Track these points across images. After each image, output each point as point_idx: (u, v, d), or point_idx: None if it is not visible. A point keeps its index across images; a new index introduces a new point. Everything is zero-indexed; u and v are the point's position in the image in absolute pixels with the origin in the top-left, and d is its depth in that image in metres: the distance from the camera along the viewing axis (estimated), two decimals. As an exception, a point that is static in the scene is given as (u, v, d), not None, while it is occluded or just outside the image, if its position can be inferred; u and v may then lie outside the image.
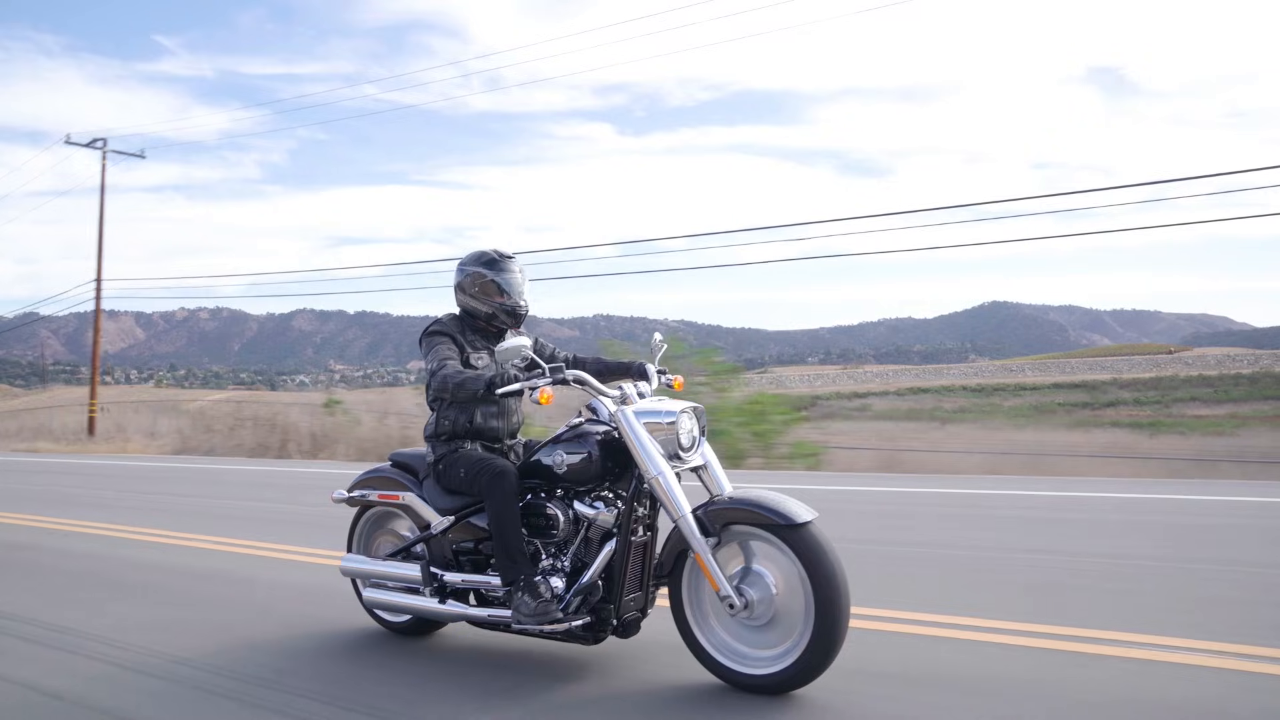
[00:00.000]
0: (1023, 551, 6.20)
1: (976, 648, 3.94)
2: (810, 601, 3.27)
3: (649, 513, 3.76)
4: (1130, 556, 5.88)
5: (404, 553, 4.30)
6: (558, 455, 3.76)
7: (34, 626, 4.79)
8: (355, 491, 4.44)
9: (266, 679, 3.85)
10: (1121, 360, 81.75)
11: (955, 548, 6.43)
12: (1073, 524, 7.45)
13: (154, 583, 5.94)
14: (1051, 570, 5.53)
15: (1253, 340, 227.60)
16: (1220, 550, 6.08)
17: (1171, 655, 3.75)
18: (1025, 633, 4.13)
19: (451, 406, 4.04)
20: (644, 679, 3.68)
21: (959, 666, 3.70)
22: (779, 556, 3.41)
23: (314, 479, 13.54)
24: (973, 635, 4.11)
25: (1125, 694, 3.35)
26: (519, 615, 3.63)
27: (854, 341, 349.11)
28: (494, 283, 4.07)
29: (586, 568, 3.69)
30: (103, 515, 9.35)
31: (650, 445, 3.54)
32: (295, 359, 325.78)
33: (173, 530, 8.20)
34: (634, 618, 3.75)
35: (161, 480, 14.32)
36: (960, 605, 4.64)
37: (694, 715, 3.29)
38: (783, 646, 3.39)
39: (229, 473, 15.47)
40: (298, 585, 5.73)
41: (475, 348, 4.07)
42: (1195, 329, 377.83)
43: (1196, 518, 7.67)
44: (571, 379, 3.63)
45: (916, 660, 3.79)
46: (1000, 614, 4.42)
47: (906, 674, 3.61)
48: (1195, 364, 72.12)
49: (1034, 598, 4.83)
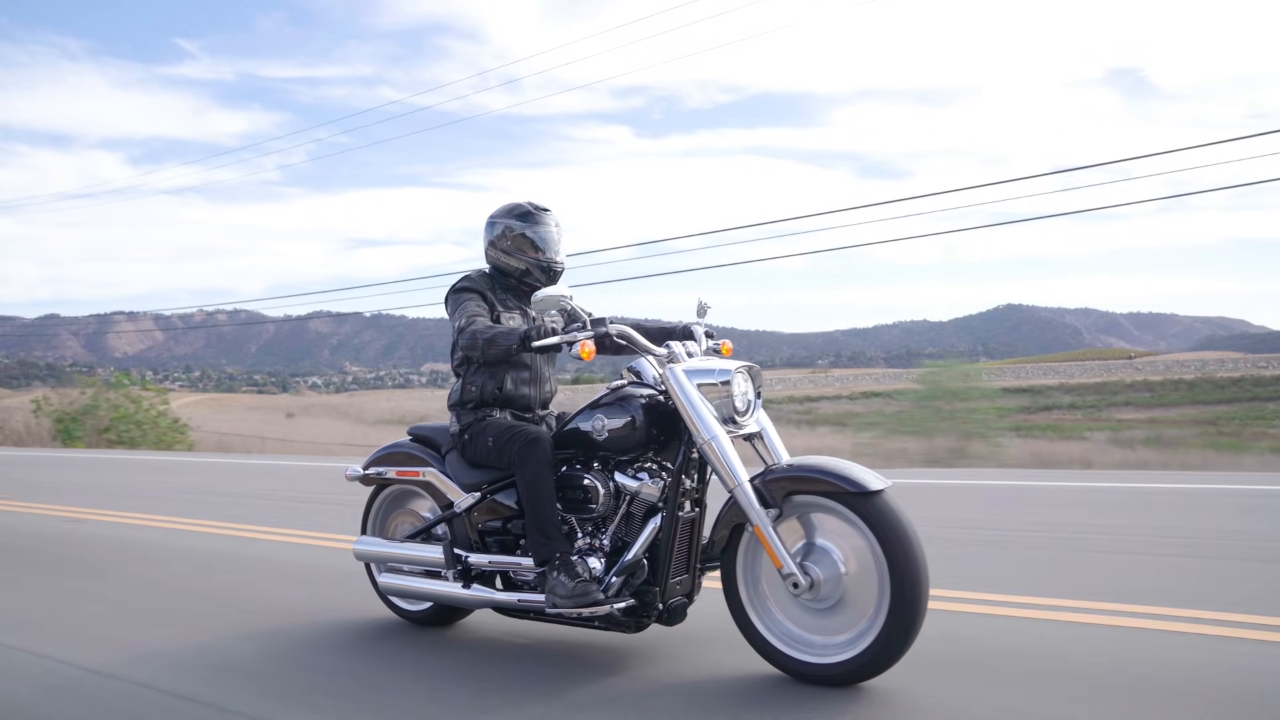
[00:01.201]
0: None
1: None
2: (885, 579, 2.88)
3: (697, 486, 3.38)
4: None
5: (424, 534, 3.93)
6: (597, 420, 3.38)
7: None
8: (371, 469, 4.08)
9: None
10: (1118, 364, 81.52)
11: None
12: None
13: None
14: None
15: (1267, 344, 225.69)
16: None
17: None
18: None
19: (479, 371, 3.68)
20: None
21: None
22: (847, 530, 3.03)
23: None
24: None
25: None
26: (554, 598, 3.25)
27: (867, 344, 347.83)
28: (527, 237, 3.70)
29: (628, 546, 3.31)
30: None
31: (703, 407, 3.16)
32: (311, 361, 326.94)
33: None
34: (680, 603, 3.37)
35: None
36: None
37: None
38: (853, 631, 3.00)
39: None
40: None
41: (506, 306, 3.70)
42: (1212, 331, 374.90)
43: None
44: (615, 333, 3.25)
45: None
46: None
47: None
48: (1174, 369, 71.46)
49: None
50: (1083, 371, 74.04)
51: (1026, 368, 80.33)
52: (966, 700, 2.90)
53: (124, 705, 3.23)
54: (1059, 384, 62.30)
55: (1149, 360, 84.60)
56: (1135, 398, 51.85)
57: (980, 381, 16.17)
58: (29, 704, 3.28)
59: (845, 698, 2.94)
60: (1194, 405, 45.98)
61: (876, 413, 19.18)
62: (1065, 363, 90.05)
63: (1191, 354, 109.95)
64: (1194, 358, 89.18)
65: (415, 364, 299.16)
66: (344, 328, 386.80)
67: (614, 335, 3.26)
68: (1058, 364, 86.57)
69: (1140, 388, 57.20)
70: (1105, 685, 2.99)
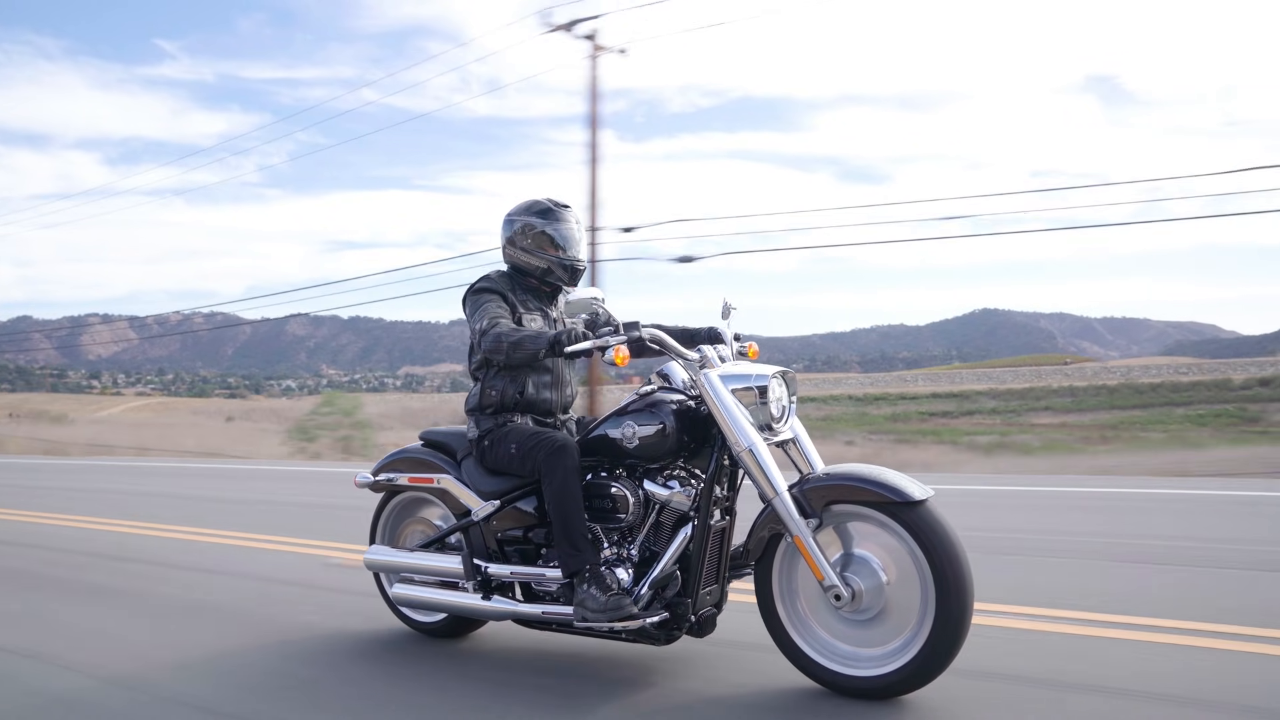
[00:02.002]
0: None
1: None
2: (930, 590, 2.79)
3: (728, 494, 3.28)
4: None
5: (438, 543, 3.81)
6: (627, 427, 3.27)
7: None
8: (381, 475, 3.94)
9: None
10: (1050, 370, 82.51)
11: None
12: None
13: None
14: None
15: (1232, 349, 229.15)
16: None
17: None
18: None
19: (499, 375, 3.55)
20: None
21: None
22: (887, 539, 2.94)
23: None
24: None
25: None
26: (584, 611, 3.14)
27: (844, 348, 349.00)
28: (547, 234, 3.58)
29: (658, 556, 3.21)
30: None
31: (739, 414, 3.06)
32: (288, 364, 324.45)
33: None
34: (710, 614, 3.27)
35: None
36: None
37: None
38: (895, 642, 2.91)
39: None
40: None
41: (527, 308, 3.58)
42: (1183, 336, 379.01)
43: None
44: (648, 338, 3.14)
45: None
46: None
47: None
48: (1118, 374, 72.25)
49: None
50: (1015, 377, 74.96)
51: (962, 373, 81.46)
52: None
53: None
54: (988, 389, 63.15)
55: (1105, 366, 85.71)
56: (1056, 403, 52.42)
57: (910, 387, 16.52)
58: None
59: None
60: (1109, 410, 46.54)
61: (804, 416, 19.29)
62: (1001, 368, 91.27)
63: (1143, 360, 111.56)
64: (1142, 363, 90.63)
65: (392, 367, 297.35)
66: (321, 330, 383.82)
67: (647, 339, 3.15)
68: (993, 369, 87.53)
69: (1065, 393, 57.87)
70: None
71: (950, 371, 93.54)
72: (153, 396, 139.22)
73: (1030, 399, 55.63)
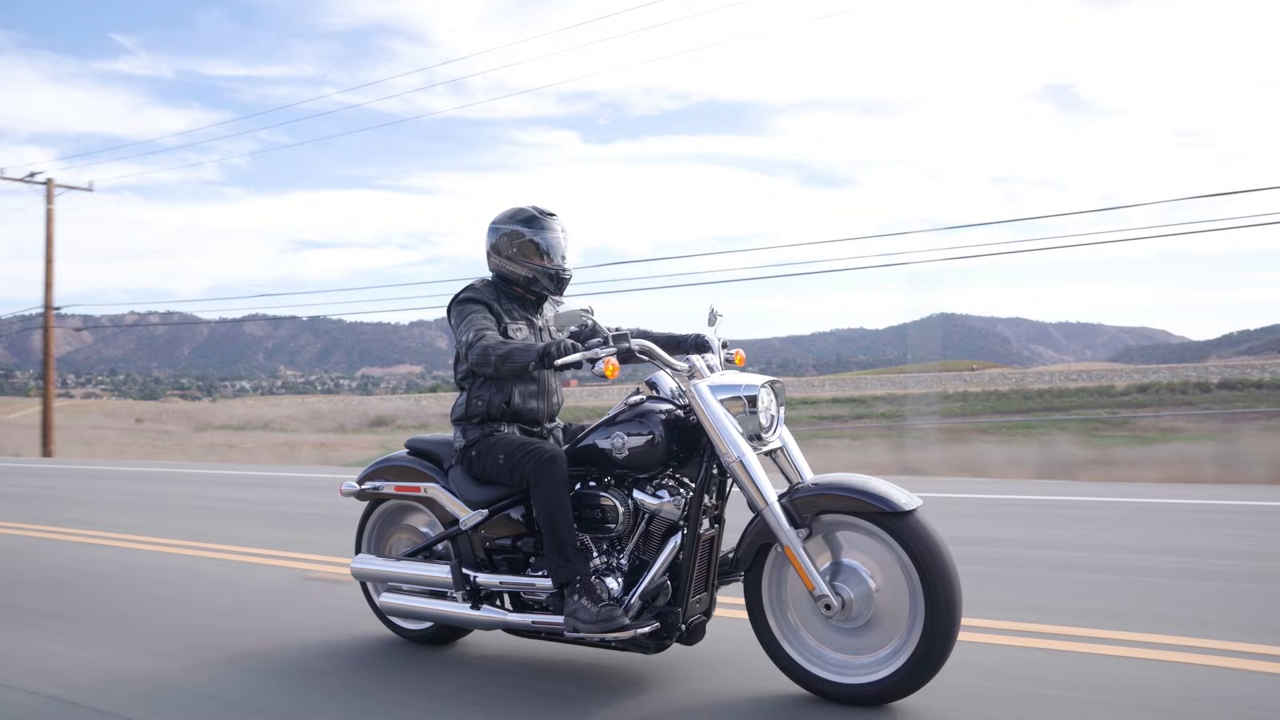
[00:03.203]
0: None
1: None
2: (920, 598, 2.85)
3: (717, 503, 3.32)
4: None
5: (424, 552, 3.80)
6: (616, 438, 3.29)
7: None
8: (367, 484, 3.93)
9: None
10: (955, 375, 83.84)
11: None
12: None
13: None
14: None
15: (1177, 354, 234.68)
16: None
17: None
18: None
19: (485, 385, 3.56)
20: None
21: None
22: (875, 548, 2.99)
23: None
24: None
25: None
26: (575, 622, 3.15)
27: (802, 351, 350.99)
28: (533, 243, 3.59)
29: (648, 566, 3.23)
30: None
31: (729, 424, 3.10)
32: (246, 364, 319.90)
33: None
34: (699, 621, 3.30)
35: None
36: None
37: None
38: (885, 650, 2.97)
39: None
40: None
41: (513, 317, 3.59)
42: (1137, 342, 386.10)
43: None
44: (637, 349, 3.17)
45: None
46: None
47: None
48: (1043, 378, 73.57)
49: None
50: (916, 383, 75.95)
51: (901, 377, 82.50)
52: None
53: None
54: (887, 394, 64.12)
55: (1028, 371, 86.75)
56: (944, 408, 53.34)
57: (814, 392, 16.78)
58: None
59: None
60: (990, 415, 47.34)
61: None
62: (919, 373, 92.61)
63: (1081, 365, 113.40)
64: (1069, 369, 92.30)
65: (351, 368, 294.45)
66: (280, 331, 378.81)
67: (636, 351, 3.17)
68: (907, 374, 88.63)
69: (957, 398, 58.85)
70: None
71: (900, 374, 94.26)
72: (102, 398, 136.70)
73: (923, 404, 56.47)
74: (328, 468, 16.81)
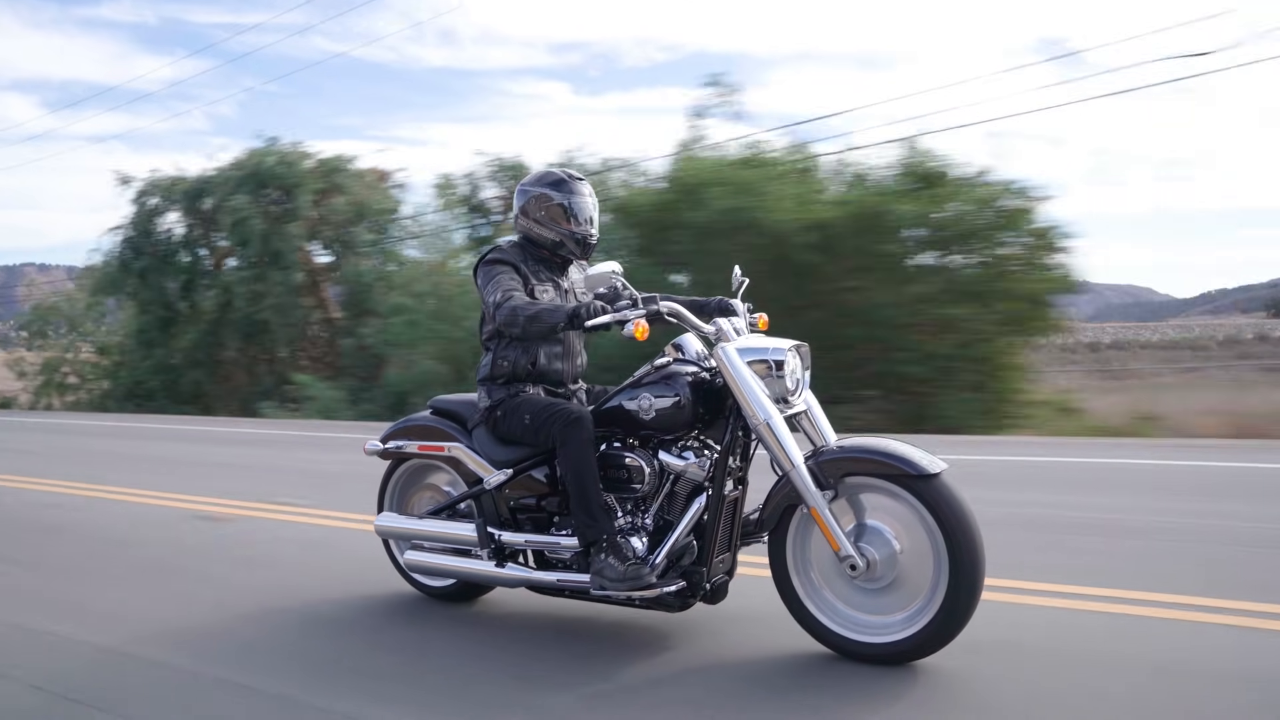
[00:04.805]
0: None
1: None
2: (944, 560, 2.92)
3: (740, 464, 3.37)
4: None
5: (448, 510, 3.85)
6: (643, 399, 3.33)
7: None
8: (390, 443, 3.97)
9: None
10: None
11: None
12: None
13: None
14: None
15: (1155, 312, 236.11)
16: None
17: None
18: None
19: (511, 346, 3.59)
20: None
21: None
22: (898, 510, 3.06)
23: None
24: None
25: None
26: (602, 580, 3.22)
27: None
28: (561, 206, 3.60)
29: (672, 526, 3.30)
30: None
31: (757, 388, 3.14)
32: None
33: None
34: (722, 581, 3.38)
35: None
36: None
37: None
38: (908, 610, 3.05)
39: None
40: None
41: (539, 279, 3.60)
42: (1118, 299, 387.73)
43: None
44: (666, 311, 3.20)
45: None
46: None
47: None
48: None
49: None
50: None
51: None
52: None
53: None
54: None
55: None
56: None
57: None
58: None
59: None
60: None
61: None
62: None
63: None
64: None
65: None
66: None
67: (665, 314, 3.20)
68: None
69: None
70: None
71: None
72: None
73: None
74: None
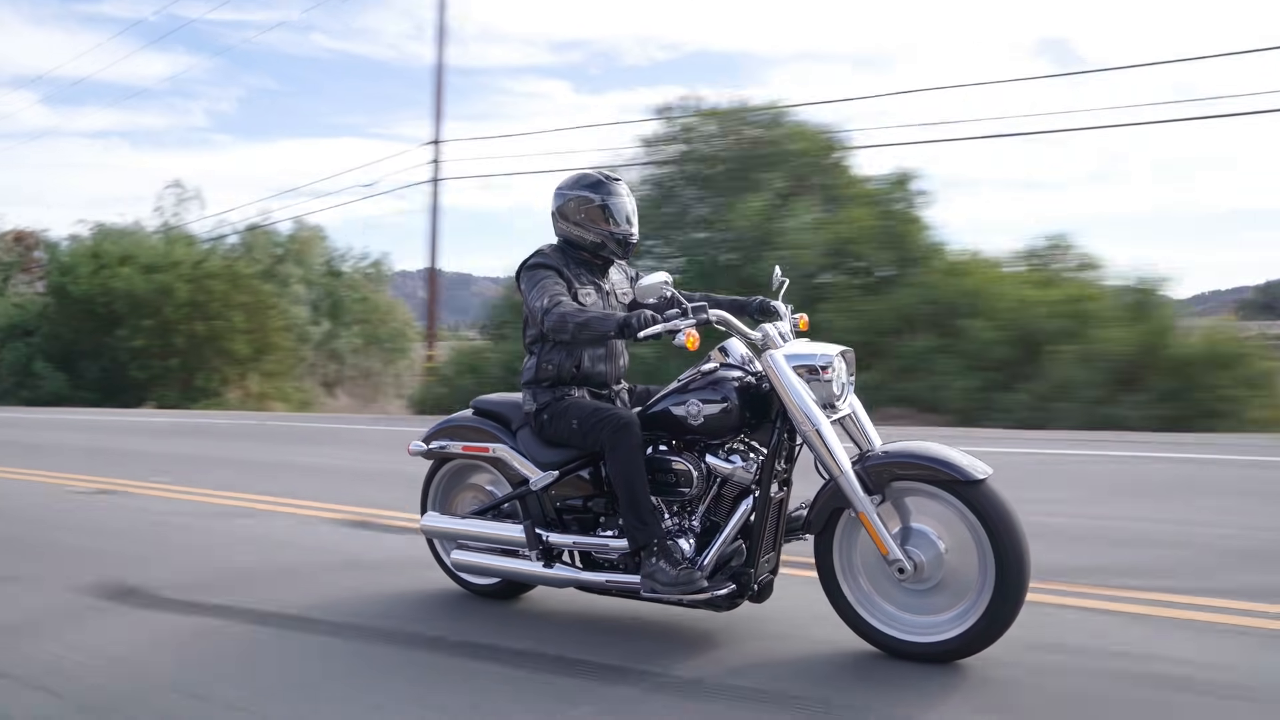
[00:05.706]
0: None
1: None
2: (990, 562, 2.98)
3: (786, 467, 3.41)
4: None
5: (492, 511, 3.91)
6: (691, 405, 3.37)
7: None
8: (434, 443, 4.03)
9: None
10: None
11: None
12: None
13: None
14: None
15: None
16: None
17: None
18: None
19: (555, 349, 3.63)
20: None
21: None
22: (943, 513, 3.11)
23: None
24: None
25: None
26: (653, 584, 3.28)
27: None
28: (601, 208, 3.63)
29: (719, 528, 3.35)
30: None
31: (805, 394, 3.18)
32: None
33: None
34: (767, 580, 3.43)
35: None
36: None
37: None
38: (954, 610, 3.10)
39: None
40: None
41: (581, 281, 3.64)
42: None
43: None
44: (715, 320, 3.24)
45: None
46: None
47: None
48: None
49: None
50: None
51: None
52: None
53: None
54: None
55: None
56: None
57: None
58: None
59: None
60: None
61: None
62: None
63: None
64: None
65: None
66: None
67: (714, 322, 3.24)
68: None
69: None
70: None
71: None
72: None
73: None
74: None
